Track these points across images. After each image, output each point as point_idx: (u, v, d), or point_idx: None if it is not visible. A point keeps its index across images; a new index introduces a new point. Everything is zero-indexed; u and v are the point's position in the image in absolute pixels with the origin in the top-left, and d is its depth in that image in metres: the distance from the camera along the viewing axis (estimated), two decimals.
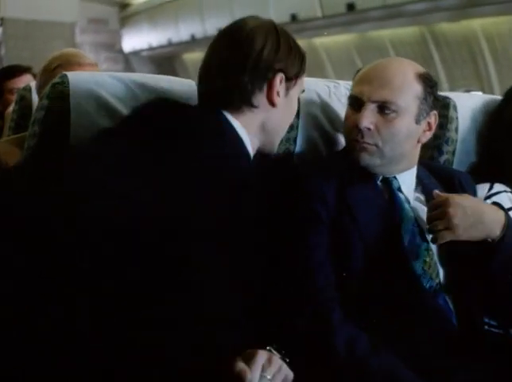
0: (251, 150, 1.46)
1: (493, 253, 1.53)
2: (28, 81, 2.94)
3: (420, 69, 1.64)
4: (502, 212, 1.56)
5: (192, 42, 12.20)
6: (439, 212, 1.50)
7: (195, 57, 12.32)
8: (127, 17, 16.47)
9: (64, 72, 1.62)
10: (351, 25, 8.83)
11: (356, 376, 1.42)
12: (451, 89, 7.36)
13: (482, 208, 1.54)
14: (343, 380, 1.43)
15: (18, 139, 2.20)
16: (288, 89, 1.47)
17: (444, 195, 1.54)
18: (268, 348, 1.34)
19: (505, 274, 1.55)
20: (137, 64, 16.62)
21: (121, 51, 17.22)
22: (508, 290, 1.57)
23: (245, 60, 1.42)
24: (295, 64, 1.48)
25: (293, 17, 9.78)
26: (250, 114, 1.44)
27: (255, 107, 1.44)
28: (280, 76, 1.44)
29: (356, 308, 1.49)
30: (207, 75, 1.47)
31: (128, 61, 16.99)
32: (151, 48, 16.14)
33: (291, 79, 1.47)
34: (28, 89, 2.57)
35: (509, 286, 1.56)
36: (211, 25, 12.47)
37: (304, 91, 1.56)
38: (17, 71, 3.30)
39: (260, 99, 1.44)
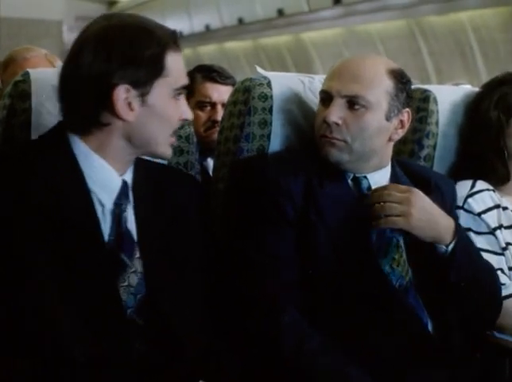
0: (114, 172, 1.32)
1: (448, 265, 1.53)
2: None
3: (393, 65, 1.61)
4: (453, 222, 1.56)
5: (180, 39, 12.16)
6: (402, 197, 1.49)
7: (183, 54, 12.27)
8: None
9: (27, 69, 1.58)
10: (338, 19, 8.81)
11: (304, 376, 1.42)
12: (440, 82, 7.34)
13: (438, 212, 1.54)
14: (292, 381, 1.43)
15: None
16: (143, 96, 1.28)
17: (411, 187, 1.54)
18: None
19: (459, 283, 1.55)
20: None
21: None
22: (462, 296, 1.58)
23: (75, 78, 1.27)
24: (142, 67, 1.27)
25: (280, 12, 9.76)
26: (102, 135, 1.29)
27: (106, 125, 1.28)
28: (122, 88, 1.26)
29: (323, 307, 1.50)
30: (58, 96, 1.33)
31: None
32: None
33: (142, 85, 1.27)
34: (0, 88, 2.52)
35: (463, 293, 1.57)
36: (199, 21, 12.43)
37: (185, 86, 1.36)
38: None
39: (109, 116, 1.28)
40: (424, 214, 1.49)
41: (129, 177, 1.36)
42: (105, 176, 1.31)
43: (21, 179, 1.24)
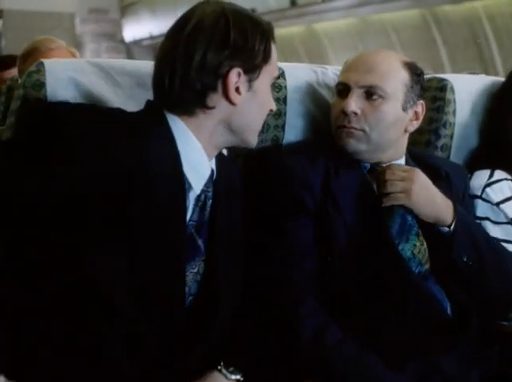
0: (206, 157, 1.32)
1: (450, 243, 1.56)
2: None
3: (406, 59, 1.64)
4: (451, 203, 1.59)
5: None
6: (403, 175, 1.54)
7: None
8: (127, 6, 16.39)
9: (41, 60, 1.56)
10: (351, 9, 8.76)
11: (323, 366, 1.43)
12: (454, 72, 7.28)
13: (437, 193, 1.59)
14: (310, 371, 1.44)
15: None
16: (250, 82, 1.32)
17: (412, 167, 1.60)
18: (219, 367, 1.35)
19: (464, 262, 1.58)
20: (139, 53, 16.57)
21: (122, 41, 17.17)
22: (469, 278, 1.60)
23: (189, 58, 1.27)
24: (254, 53, 1.31)
25: (293, 2, 9.74)
26: (204, 117, 1.30)
27: (211, 108, 1.30)
28: (236, 71, 1.29)
29: (343, 295, 1.51)
30: (156, 74, 1.32)
31: (129, 51, 16.95)
32: (152, 37, 16.07)
33: (252, 70, 1.31)
34: (16, 80, 2.52)
35: (469, 274, 1.59)
36: None
37: (279, 77, 1.41)
38: (12, 61, 3.24)
39: (216, 99, 1.29)
40: (424, 191, 1.54)
41: (213, 165, 1.37)
42: (199, 159, 1.32)
43: (116, 149, 1.21)
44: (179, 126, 1.29)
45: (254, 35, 1.31)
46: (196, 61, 1.27)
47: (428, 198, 1.55)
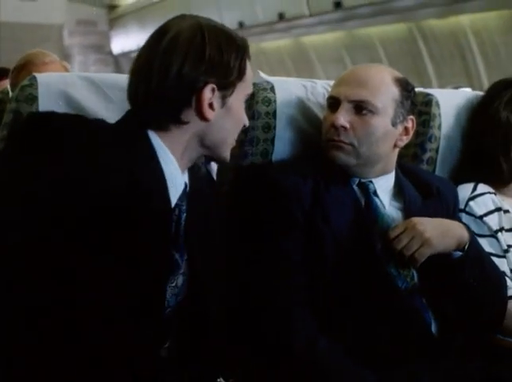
0: (180, 171, 1.32)
1: (462, 263, 1.57)
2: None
3: (398, 74, 1.65)
4: (457, 222, 1.60)
5: None
6: (408, 233, 1.51)
7: None
8: (116, 18, 16.42)
9: (34, 74, 1.58)
10: (338, 23, 8.81)
11: (314, 375, 1.44)
12: (441, 86, 7.35)
13: (441, 219, 1.58)
14: (304, 379, 1.45)
15: None
16: (224, 98, 1.32)
17: (402, 222, 1.57)
18: (218, 380, 1.37)
19: (471, 281, 1.59)
20: (127, 65, 16.55)
21: (110, 53, 17.18)
22: (472, 296, 1.61)
23: (164, 72, 1.27)
24: (229, 69, 1.31)
25: (281, 16, 9.79)
26: (178, 132, 1.30)
27: (185, 123, 1.30)
28: (210, 87, 1.29)
29: (331, 308, 1.52)
30: (130, 87, 1.32)
31: (118, 63, 16.95)
32: None
33: (226, 87, 1.31)
34: (6, 92, 2.52)
35: (473, 292, 1.60)
36: None
37: (252, 94, 1.41)
38: (4, 73, 3.23)
39: (189, 114, 1.30)
40: (435, 230, 1.53)
41: (186, 178, 1.37)
42: (174, 174, 1.31)
43: (108, 164, 1.21)
44: (158, 142, 1.29)
45: (229, 51, 1.31)
46: (172, 76, 1.26)
47: (443, 231, 1.54)
